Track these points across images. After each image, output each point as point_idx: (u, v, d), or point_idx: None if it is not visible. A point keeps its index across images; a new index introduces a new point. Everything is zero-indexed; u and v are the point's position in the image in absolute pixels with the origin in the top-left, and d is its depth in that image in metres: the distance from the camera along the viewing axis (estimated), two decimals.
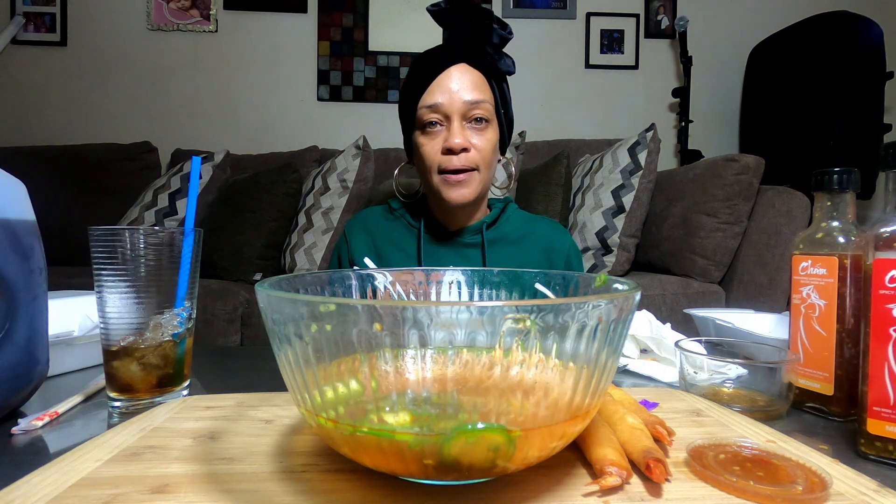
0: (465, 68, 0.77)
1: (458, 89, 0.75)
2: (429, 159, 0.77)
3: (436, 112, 0.76)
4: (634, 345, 0.62)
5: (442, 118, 0.76)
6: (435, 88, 0.76)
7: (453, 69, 0.76)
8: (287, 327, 0.25)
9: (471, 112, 0.76)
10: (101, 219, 2.02)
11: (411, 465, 0.24)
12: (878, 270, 0.35)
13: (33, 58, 2.47)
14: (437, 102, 0.75)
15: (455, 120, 0.75)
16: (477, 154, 0.77)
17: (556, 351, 0.25)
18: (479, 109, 0.76)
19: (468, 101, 0.75)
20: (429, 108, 0.76)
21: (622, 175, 1.76)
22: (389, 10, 2.50)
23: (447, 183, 0.77)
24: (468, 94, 0.75)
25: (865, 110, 2.03)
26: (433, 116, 0.76)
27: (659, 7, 2.56)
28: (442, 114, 0.76)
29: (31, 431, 0.40)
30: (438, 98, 0.75)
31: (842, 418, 0.44)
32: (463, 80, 0.76)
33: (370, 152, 1.95)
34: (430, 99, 0.76)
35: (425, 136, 0.77)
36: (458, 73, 0.76)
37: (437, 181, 0.77)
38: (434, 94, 0.75)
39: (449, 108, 0.75)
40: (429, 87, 0.76)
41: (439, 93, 0.75)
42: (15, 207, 0.42)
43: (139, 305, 0.44)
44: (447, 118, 0.76)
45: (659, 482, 0.28)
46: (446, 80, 0.75)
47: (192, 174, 0.50)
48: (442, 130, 0.76)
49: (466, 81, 0.76)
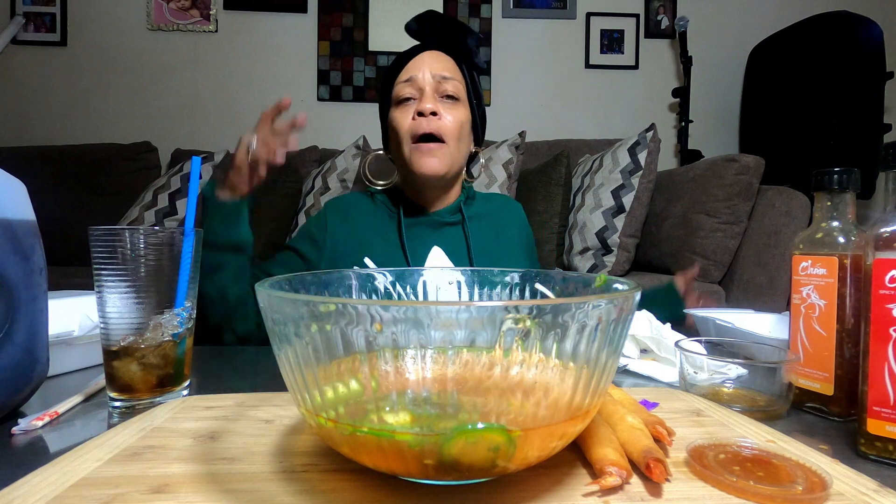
0: (439, 53, 0.84)
1: (430, 66, 0.82)
2: (401, 129, 0.81)
3: (410, 86, 0.81)
4: (634, 345, 0.62)
5: (416, 92, 0.81)
6: (410, 66, 0.83)
7: (427, 52, 0.84)
8: (287, 327, 0.25)
9: (442, 87, 0.81)
10: (101, 219, 2.02)
11: (411, 465, 0.24)
12: (878, 270, 0.35)
13: (33, 58, 2.46)
14: (411, 76, 0.81)
15: (427, 91, 0.81)
16: (446, 124, 0.80)
17: (556, 351, 0.25)
18: (450, 85, 0.82)
19: (439, 74, 0.81)
20: (404, 82, 0.82)
21: (622, 175, 1.76)
22: (389, 10, 2.50)
23: (418, 151, 0.80)
24: (440, 70, 0.82)
25: (865, 110, 2.03)
26: (407, 91, 0.81)
27: (659, 7, 2.56)
28: (416, 88, 0.81)
29: (31, 431, 0.39)
30: (413, 72, 0.82)
31: (842, 418, 0.44)
32: (436, 60, 0.83)
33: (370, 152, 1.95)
34: (405, 74, 0.82)
35: (399, 110, 0.82)
36: (431, 55, 0.83)
37: (409, 151, 0.81)
38: (409, 71, 0.82)
39: (422, 80, 0.81)
40: (405, 66, 0.83)
41: (414, 69, 0.82)
42: (15, 207, 0.42)
43: (139, 305, 0.44)
44: (420, 91, 0.81)
45: (659, 482, 0.28)
46: (421, 59, 0.83)
47: (192, 174, 0.50)
48: (415, 103, 0.81)
49: (439, 61, 0.83)
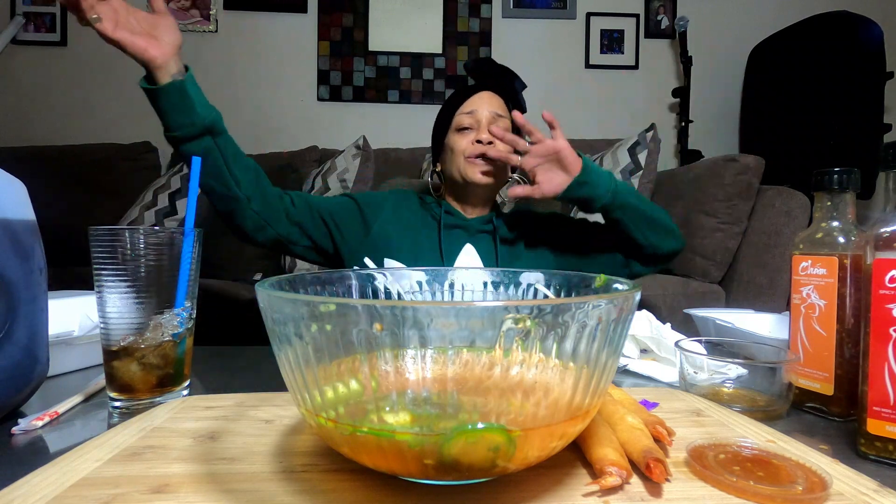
0: (493, 94, 1.03)
1: (488, 103, 1.01)
2: (460, 148, 1.00)
3: (470, 117, 1.00)
4: (634, 345, 0.62)
5: (474, 122, 1.00)
6: (472, 100, 1.02)
7: (484, 93, 1.03)
8: (287, 327, 0.25)
9: (495, 122, 1.00)
10: (101, 219, 2.02)
11: (411, 465, 0.24)
12: (878, 270, 0.35)
13: (33, 58, 2.46)
14: (472, 109, 1.01)
15: (484, 123, 1.00)
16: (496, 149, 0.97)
17: (556, 351, 0.25)
18: (501, 123, 1.01)
19: (495, 111, 1.01)
20: (466, 113, 1.01)
21: (622, 175, 1.76)
22: (389, 10, 2.50)
23: (474, 164, 0.98)
24: (495, 108, 1.02)
25: (865, 110, 2.03)
26: (468, 122, 1.00)
27: (659, 7, 2.56)
28: (475, 119, 1.00)
29: (31, 431, 0.39)
30: (473, 107, 1.01)
31: (842, 418, 0.44)
32: (492, 99, 1.02)
33: (370, 152, 1.95)
34: (468, 107, 1.01)
35: (459, 135, 1.01)
36: (488, 94, 1.03)
37: (465, 164, 0.99)
38: (471, 104, 1.02)
39: (480, 114, 1.01)
40: (466, 101, 1.02)
41: (475, 103, 1.01)
42: (15, 207, 0.42)
43: (139, 305, 0.44)
44: (478, 123, 1.00)
45: (659, 482, 0.28)
46: (480, 96, 1.02)
47: (192, 174, 0.50)
48: (472, 132, 1.00)
49: (494, 101, 1.03)
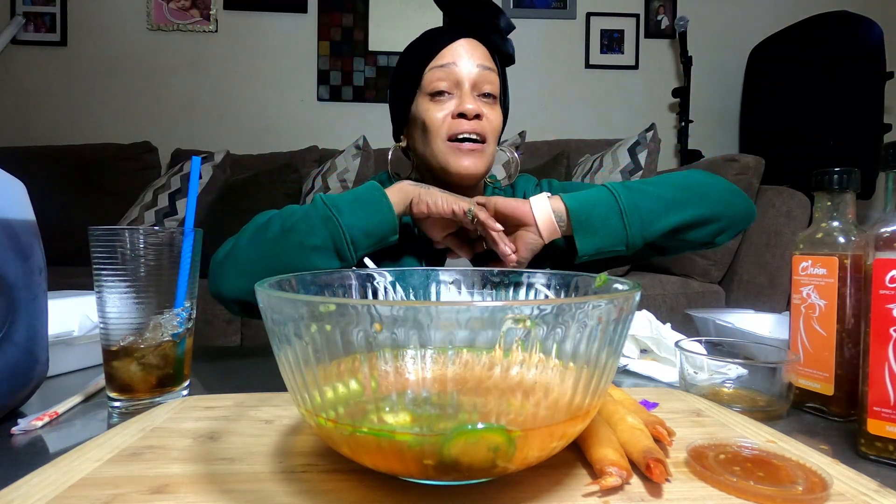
0: (476, 42, 0.75)
1: (470, 56, 0.73)
2: (435, 124, 0.72)
3: (446, 76, 0.72)
4: (634, 345, 0.62)
5: (452, 86, 0.73)
6: (446, 53, 0.73)
7: (463, 40, 0.74)
8: (287, 327, 0.25)
9: (481, 83, 0.73)
10: (101, 219, 2.02)
11: (411, 465, 0.24)
12: (878, 270, 0.35)
13: (33, 58, 2.47)
14: (448, 62, 0.72)
15: (466, 87, 0.72)
16: (488, 124, 0.73)
17: (556, 351, 0.25)
18: (489, 83, 0.74)
19: (481, 66, 0.73)
20: (440, 67, 0.72)
21: (622, 175, 1.76)
22: (389, 10, 2.50)
23: (458, 151, 0.72)
24: (481, 61, 0.73)
25: (865, 110, 2.03)
26: (442, 83, 0.72)
27: (659, 7, 2.56)
28: (452, 80, 0.73)
29: (31, 431, 0.39)
30: (450, 59, 0.72)
31: (842, 418, 0.44)
32: (474, 50, 0.73)
33: (370, 152, 1.95)
34: (442, 60, 0.72)
35: (432, 103, 0.73)
36: (469, 44, 0.74)
37: (444, 149, 0.72)
38: (445, 57, 0.72)
39: (460, 72, 0.72)
40: (439, 52, 0.73)
41: (451, 56, 0.73)
42: (15, 207, 0.42)
43: (139, 305, 0.44)
44: (457, 86, 0.73)
45: (659, 482, 0.28)
46: (458, 47, 0.73)
47: (192, 174, 0.50)
48: (451, 99, 0.73)
49: (478, 52, 0.74)
